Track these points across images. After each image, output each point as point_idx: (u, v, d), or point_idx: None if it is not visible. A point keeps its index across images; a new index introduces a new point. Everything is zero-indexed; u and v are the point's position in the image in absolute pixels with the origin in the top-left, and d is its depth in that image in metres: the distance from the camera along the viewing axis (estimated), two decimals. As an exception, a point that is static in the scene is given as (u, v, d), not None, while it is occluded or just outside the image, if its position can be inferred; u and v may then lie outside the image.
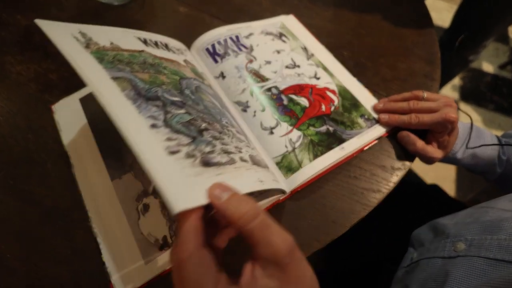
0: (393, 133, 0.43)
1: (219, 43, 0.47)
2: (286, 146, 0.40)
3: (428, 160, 0.41)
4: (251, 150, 0.33)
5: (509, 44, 1.72)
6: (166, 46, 0.40)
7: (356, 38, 0.53)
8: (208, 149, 0.25)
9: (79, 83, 0.46)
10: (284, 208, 0.38)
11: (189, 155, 0.23)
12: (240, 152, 0.28)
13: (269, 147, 0.40)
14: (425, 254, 0.35)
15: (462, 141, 0.42)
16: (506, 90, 1.52)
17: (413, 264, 0.36)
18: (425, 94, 0.42)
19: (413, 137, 0.40)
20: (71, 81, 0.47)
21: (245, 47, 0.48)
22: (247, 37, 0.49)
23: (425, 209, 0.50)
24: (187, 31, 0.51)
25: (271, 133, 0.40)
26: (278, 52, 0.48)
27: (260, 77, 0.45)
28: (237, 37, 0.48)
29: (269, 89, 0.44)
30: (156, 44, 0.37)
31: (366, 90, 0.46)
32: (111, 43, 0.30)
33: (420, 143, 0.40)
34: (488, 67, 1.61)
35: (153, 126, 0.24)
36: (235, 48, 0.47)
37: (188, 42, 0.49)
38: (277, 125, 0.41)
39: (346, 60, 0.50)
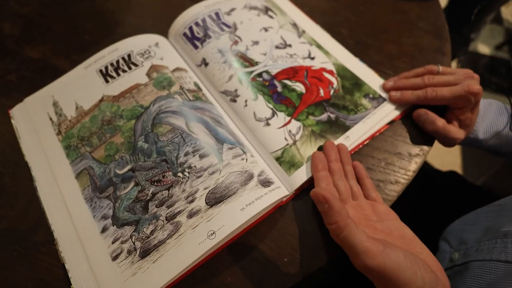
0: (405, 116, 0.38)
1: (197, 24, 0.41)
2: (286, 139, 0.34)
3: (450, 141, 0.35)
4: (222, 168, 0.31)
5: (504, 25, 1.69)
6: (129, 59, 0.39)
7: (354, 14, 0.48)
8: (150, 228, 0.29)
9: (41, 84, 0.40)
10: (289, 210, 0.32)
11: (130, 252, 0.28)
12: (192, 201, 0.29)
13: (266, 141, 0.34)
14: (475, 255, 0.30)
15: (482, 119, 0.37)
16: (504, 70, 1.49)
17: (457, 267, 0.31)
18: (441, 68, 0.36)
19: (432, 115, 0.35)
20: (32, 82, 0.41)
21: (227, 25, 0.42)
22: (228, 13, 0.43)
23: (446, 199, 0.45)
24: (165, 19, 0.45)
25: (267, 124, 0.35)
26: (266, 30, 0.42)
27: (248, 61, 0.39)
28: (217, 14, 0.42)
29: (259, 75, 0.38)
30: (117, 69, 0.39)
31: (371, 70, 0.41)
32: (76, 108, 0.37)
33: (440, 122, 0.34)
34: (484, 49, 1.58)
35: (103, 229, 0.29)
36: (216, 28, 0.41)
37: (166, 31, 0.43)
38: (273, 115, 0.35)
39: (345, 39, 0.44)
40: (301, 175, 0.32)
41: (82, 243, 0.29)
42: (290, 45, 0.41)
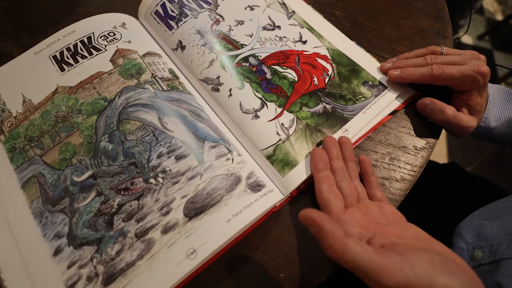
0: (408, 105, 0.34)
1: (171, 0, 0.35)
2: (278, 133, 0.29)
3: (462, 131, 0.32)
4: (203, 171, 0.27)
5: (485, 15, 1.72)
6: (89, 43, 0.33)
7: (348, -6, 0.43)
8: (116, 248, 0.24)
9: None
10: (284, 216, 0.28)
11: (90, 278, 0.23)
12: (167, 213, 0.25)
13: (255, 136, 0.29)
14: (507, 253, 0.27)
15: (492, 105, 0.34)
16: (487, 60, 1.51)
17: (485, 267, 0.28)
18: (444, 49, 0.33)
19: (439, 103, 0.31)
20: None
21: (206, 2, 0.36)
22: (208, -13, 0.37)
23: (449, 192, 0.42)
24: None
25: (256, 116, 0.30)
26: (251, 8, 0.37)
27: (231, 43, 0.34)
28: (194, -13, 0.37)
29: (245, 59, 0.33)
30: (75, 54, 0.33)
31: (368, 55, 0.37)
32: (24, 101, 0.31)
33: (450, 110, 0.31)
34: (467, 39, 1.59)
35: (57, 251, 0.24)
36: (194, 5, 0.35)
37: (136, 10, 0.37)
38: (262, 106, 0.31)
39: (339, 21, 0.40)
40: (296, 175, 0.28)
41: (29, 270, 0.23)
42: (279, 27, 0.36)
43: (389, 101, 0.33)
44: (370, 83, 0.34)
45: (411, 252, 0.18)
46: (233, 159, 0.27)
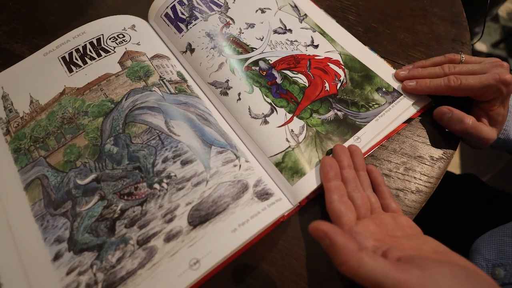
0: (425, 112, 0.32)
1: (181, 3, 0.35)
2: (287, 140, 0.28)
3: (481, 142, 0.30)
4: (209, 177, 0.26)
5: (500, 22, 1.68)
6: (98, 45, 0.33)
7: (361, -2, 0.42)
8: (117, 255, 0.23)
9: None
10: (292, 227, 0.26)
11: (89, 286, 0.22)
12: (171, 220, 0.24)
13: (263, 143, 0.28)
14: None
15: None
16: (503, 68, 1.48)
17: (510, 286, 0.26)
18: (464, 57, 0.31)
19: (458, 112, 0.30)
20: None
21: (217, 4, 0.35)
22: (219, -11, 0.37)
23: (467, 204, 0.40)
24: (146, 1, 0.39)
25: (265, 122, 0.29)
26: (263, 11, 0.36)
27: (241, 47, 0.33)
28: (205, -10, 0.36)
29: (255, 63, 0.32)
30: (83, 56, 0.33)
31: (383, 60, 0.36)
32: (31, 102, 0.30)
33: (470, 120, 0.29)
34: (481, 47, 1.56)
35: (56, 257, 0.23)
36: (204, 8, 0.35)
37: (147, 13, 0.37)
38: (272, 111, 0.30)
39: (353, 26, 0.39)
40: (306, 184, 0.26)
41: (27, 275, 0.22)
42: (290, 30, 0.35)
43: (404, 108, 0.31)
44: (384, 89, 0.32)
45: (432, 265, 0.17)
46: (240, 166, 0.26)
